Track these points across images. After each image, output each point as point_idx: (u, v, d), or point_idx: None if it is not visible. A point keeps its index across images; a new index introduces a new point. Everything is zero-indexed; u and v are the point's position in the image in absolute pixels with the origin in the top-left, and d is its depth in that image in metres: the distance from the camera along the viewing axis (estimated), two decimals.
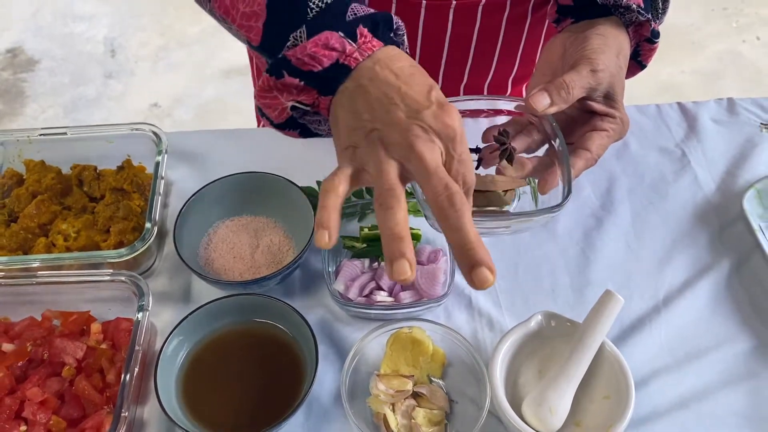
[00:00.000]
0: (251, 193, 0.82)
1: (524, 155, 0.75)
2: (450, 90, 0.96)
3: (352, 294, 0.76)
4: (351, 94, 0.58)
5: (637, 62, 0.80)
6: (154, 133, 0.85)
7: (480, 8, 0.83)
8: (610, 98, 0.74)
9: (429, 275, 0.77)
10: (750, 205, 0.84)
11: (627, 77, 0.76)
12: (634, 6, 0.73)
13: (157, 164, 0.82)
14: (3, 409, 0.67)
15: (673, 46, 2.66)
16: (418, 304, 0.74)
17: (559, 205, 0.67)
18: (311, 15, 0.59)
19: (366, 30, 0.59)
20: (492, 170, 0.75)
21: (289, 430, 0.68)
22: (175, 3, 2.86)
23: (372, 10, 0.61)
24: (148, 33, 2.76)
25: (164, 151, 0.83)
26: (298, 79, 0.59)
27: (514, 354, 0.71)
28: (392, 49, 0.60)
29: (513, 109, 0.75)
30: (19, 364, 0.71)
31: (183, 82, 2.58)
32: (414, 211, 0.84)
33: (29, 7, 2.85)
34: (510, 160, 0.71)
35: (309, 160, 0.90)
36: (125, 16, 2.82)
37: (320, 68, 0.58)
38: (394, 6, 0.84)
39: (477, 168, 0.73)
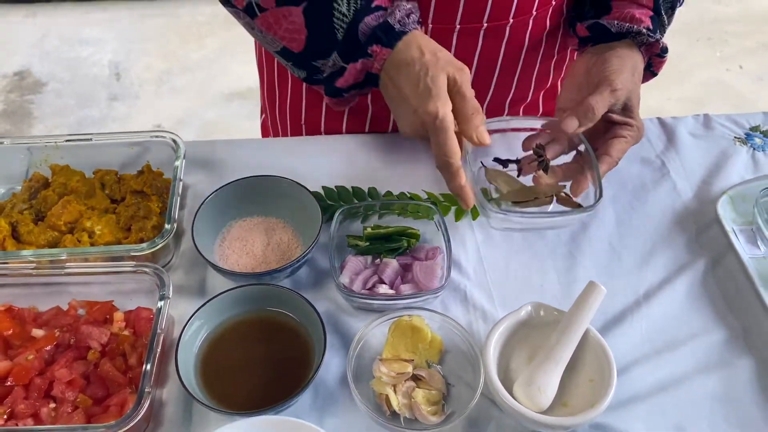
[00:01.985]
0: (263, 195, 0.88)
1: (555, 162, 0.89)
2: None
3: (356, 287, 0.82)
4: (383, 91, 0.84)
5: (650, 72, 0.95)
6: (173, 140, 0.91)
7: (482, 33, 0.90)
8: (627, 109, 0.88)
9: (427, 270, 0.83)
10: (724, 210, 0.91)
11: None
12: (644, 30, 0.88)
13: (176, 168, 0.88)
14: (33, 388, 0.73)
15: (660, 74, 2.77)
16: (418, 296, 0.80)
17: (593, 205, 0.82)
18: (339, 36, 0.81)
19: (375, 47, 0.81)
20: (529, 177, 0.90)
21: (297, 410, 0.74)
22: (178, 30, 2.96)
23: (373, 24, 0.80)
24: (152, 58, 2.85)
25: (182, 156, 0.89)
26: (354, 91, 0.86)
27: (506, 341, 0.77)
28: (396, 49, 0.80)
29: (547, 129, 0.90)
30: (47, 348, 0.76)
31: (186, 105, 2.66)
32: (413, 213, 0.91)
33: (37, 32, 2.94)
34: (546, 170, 0.87)
35: (316, 166, 0.98)
36: (130, 42, 2.92)
37: (361, 81, 0.84)
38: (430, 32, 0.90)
39: (518, 176, 0.89)
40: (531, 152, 0.88)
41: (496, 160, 0.90)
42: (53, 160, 0.93)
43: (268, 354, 0.77)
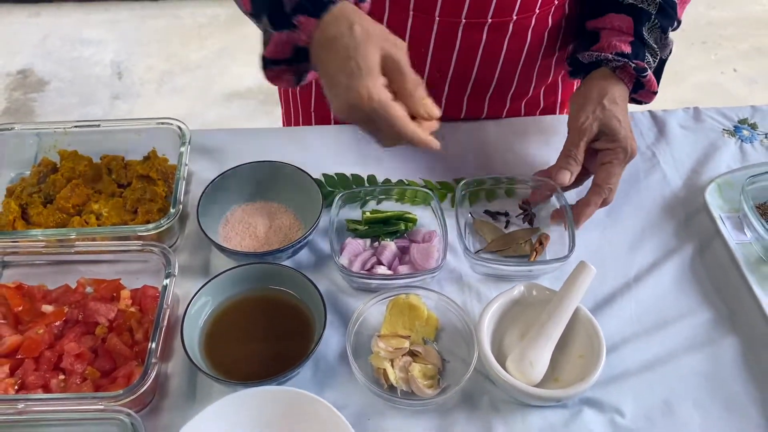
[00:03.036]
0: (265, 180, 0.91)
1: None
2: (454, 101, 1.04)
3: (355, 268, 0.85)
4: (317, 65, 0.74)
5: (642, 91, 0.93)
6: (179, 127, 0.94)
7: (486, 28, 0.93)
8: (608, 134, 0.88)
9: (424, 252, 0.86)
10: (711, 197, 0.94)
11: (643, 100, 0.95)
12: (611, 56, 0.89)
13: (181, 154, 0.91)
14: (43, 360, 0.75)
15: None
16: (415, 276, 0.83)
17: (566, 256, 0.85)
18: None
19: (301, 17, 0.72)
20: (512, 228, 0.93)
21: (298, 383, 0.76)
22: (179, 31, 2.99)
23: None
24: (153, 58, 2.88)
25: (188, 142, 0.92)
26: (283, 65, 0.77)
27: (499, 319, 0.80)
28: (323, 21, 0.72)
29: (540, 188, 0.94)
30: (56, 324, 0.79)
31: (186, 105, 2.69)
32: (411, 199, 0.94)
33: (40, 32, 2.97)
34: (531, 223, 0.93)
35: (317, 154, 1.01)
36: (132, 43, 2.95)
37: (288, 55, 0.76)
38: (410, 20, 0.92)
39: (505, 227, 0.93)
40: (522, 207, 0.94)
41: (487, 212, 0.94)
42: (61, 146, 0.96)
43: (271, 329, 0.80)
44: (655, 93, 0.94)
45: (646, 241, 0.92)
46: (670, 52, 0.95)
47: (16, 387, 0.73)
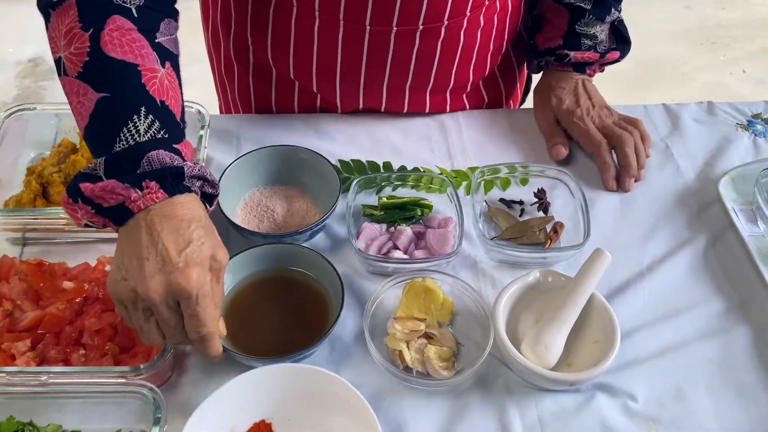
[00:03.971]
0: (284, 164, 0.92)
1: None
2: (394, 98, 1.03)
3: (372, 252, 0.86)
4: (125, 236, 0.67)
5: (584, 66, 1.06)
6: (198, 111, 0.95)
7: (418, 34, 0.93)
8: (562, 111, 1.02)
9: (440, 237, 0.87)
10: (725, 189, 0.95)
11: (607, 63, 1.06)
12: (551, 60, 1.05)
13: (201, 137, 0.92)
14: (64, 335, 0.76)
15: (663, 77, 2.81)
16: (431, 260, 0.84)
17: (581, 244, 0.86)
18: (117, 148, 0.66)
19: (153, 183, 0.66)
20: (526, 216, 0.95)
21: (315, 363, 0.77)
22: (188, 21, 3.00)
23: (167, 162, 0.67)
24: None
25: (207, 125, 0.93)
26: (90, 208, 0.67)
27: (514, 304, 0.81)
28: (175, 200, 0.66)
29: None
30: (77, 300, 0.79)
31: (196, 95, 2.69)
32: (426, 186, 0.95)
33: None
34: (545, 211, 0.93)
35: (334, 140, 1.02)
36: None
37: (107, 206, 0.66)
38: (341, 30, 0.92)
39: (520, 216, 0.94)
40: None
41: (502, 200, 0.95)
42: None
43: (289, 308, 0.81)
44: (611, 51, 1.04)
45: (660, 231, 0.93)
46: (618, 12, 1.03)
47: (37, 360, 0.74)
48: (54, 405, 0.73)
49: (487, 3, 0.94)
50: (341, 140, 1.03)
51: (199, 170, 0.70)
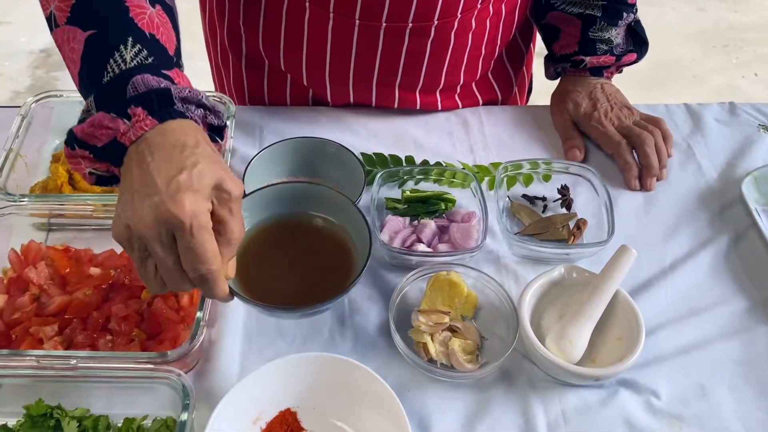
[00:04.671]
0: (309, 156, 0.92)
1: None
2: (384, 94, 1.03)
3: (396, 244, 0.86)
4: (122, 175, 0.62)
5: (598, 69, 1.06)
6: (223, 101, 0.95)
7: (408, 31, 0.93)
8: (579, 114, 1.03)
9: (464, 231, 0.87)
10: (748, 189, 0.95)
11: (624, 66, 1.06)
12: (568, 66, 1.06)
13: (226, 126, 0.92)
14: (91, 321, 0.77)
15: (675, 79, 2.81)
16: (454, 254, 0.84)
17: (605, 241, 0.86)
18: (105, 79, 0.62)
19: (139, 109, 0.60)
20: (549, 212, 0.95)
21: (338, 352, 0.77)
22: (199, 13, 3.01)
23: (153, 85, 0.62)
24: None
25: (233, 115, 0.93)
26: (88, 152, 0.63)
27: (539, 299, 0.81)
28: (167, 126, 0.61)
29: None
30: (103, 286, 0.80)
31: (209, 86, 2.70)
32: (449, 180, 0.95)
33: None
34: (569, 208, 0.93)
35: (357, 133, 1.03)
36: None
37: (101, 144, 0.62)
38: (331, 22, 0.92)
39: (543, 212, 0.94)
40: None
41: (525, 196, 0.95)
42: None
43: (309, 256, 0.75)
44: (628, 53, 1.04)
45: (682, 230, 0.93)
46: (633, 14, 1.03)
47: (64, 345, 0.75)
48: (80, 389, 0.73)
49: (479, 6, 0.94)
50: (363, 134, 1.04)
51: (190, 93, 0.64)
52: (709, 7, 3.17)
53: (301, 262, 0.75)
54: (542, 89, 1.23)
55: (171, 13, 0.72)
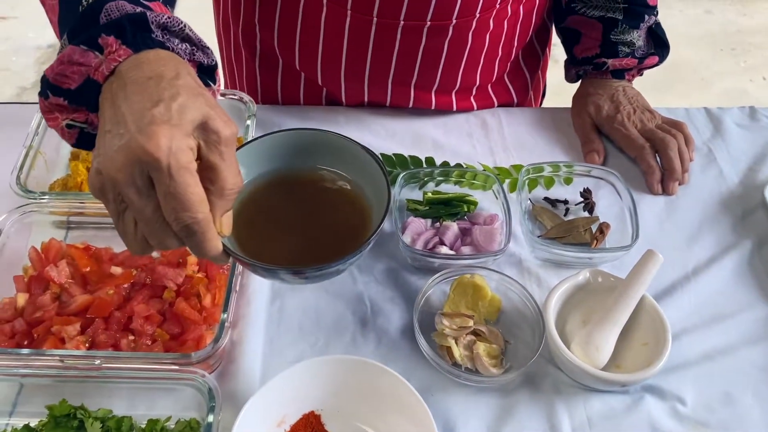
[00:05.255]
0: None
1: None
2: (400, 94, 1.02)
3: (418, 247, 0.86)
4: (98, 117, 0.54)
5: (621, 72, 1.06)
6: (244, 101, 0.94)
7: (425, 30, 0.92)
8: (602, 116, 1.02)
9: (487, 234, 0.86)
10: None
11: (645, 66, 1.05)
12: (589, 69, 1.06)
13: (248, 127, 0.92)
14: (113, 320, 0.76)
15: (682, 81, 2.80)
16: (477, 257, 0.84)
17: (629, 245, 0.86)
18: (80, 10, 0.55)
19: (111, 38, 0.53)
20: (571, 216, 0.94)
21: (361, 354, 0.77)
22: (211, 8, 3.00)
23: (128, 10, 0.54)
24: None
25: (254, 114, 0.93)
26: (62, 98, 0.55)
27: (563, 304, 0.80)
28: (143, 56, 0.53)
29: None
30: (125, 286, 0.79)
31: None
32: (469, 182, 0.94)
33: None
34: (591, 212, 0.93)
35: (377, 134, 1.02)
36: None
37: (75, 86, 0.54)
38: (348, 20, 0.91)
39: (565, 215, 0.93)
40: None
41: (546, 199, 0.94)
42: None
43: (317, 213, 0.66)
44: (650, 56, 1.04)
45: (704, 235, 0.92)
46: (654, 16, 1.03)
47: (87, 345, 0.74)
48: (103, 389, 0.72)
49: (498, 6, 0.93)
50: (383, 134, 1.03)
51: (170, 20, 0.55)
52: (717, 10, 3.16)
53: (308, 221, 0.65)
54: (552, 89, 1.23)
55: None
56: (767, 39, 3.02)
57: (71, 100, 0.54)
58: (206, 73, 0.59)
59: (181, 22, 0.57)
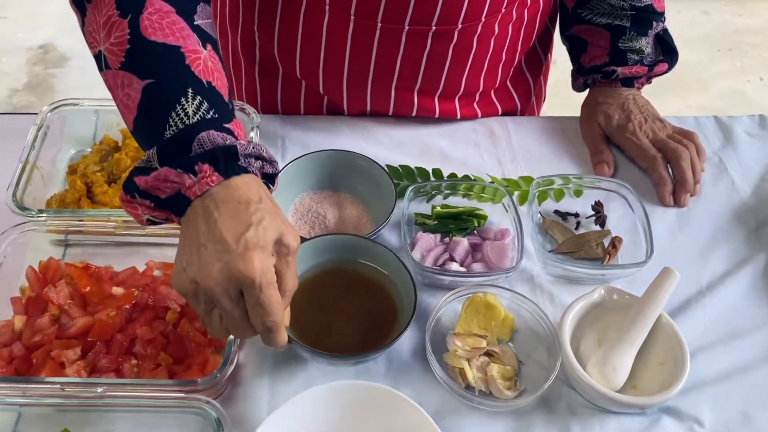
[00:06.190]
0: (336, 169, 0.89)
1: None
2: (403, 101, 1.01)
3: (428, 263, 0.83)
4: (185, 226, 0.63)
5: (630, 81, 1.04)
6: (247, 111, 0.92)
7: (431, 35, 0.91)
8: (612, 125, 1.00)
9: (499, 250, 0.84)
10: None
11: (655, 74, 1.04)
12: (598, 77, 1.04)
13: (251, 138, 0.89)
14: (115, 344, 0.73)
15: (681, 83, 2.79)
16: (489, 274, 0.82)
17: (644, 262, 0.84)
18: (168, 135, 0.63)
19: (206, 166, 0.62)
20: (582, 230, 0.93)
21: (372, 376, 0.75)
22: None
23: (219, 142, 0.63)
24: None
25: (257, 125, 0.90)
26: (149, 201, 0.64)
27: (578, 322, 0.78)
28: (232, 182, 0.62)
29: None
30: (126, 307, 0.77)
31: None
32: (478, 195, 0.92)
33: (63, 6, 2.93)
34: (602, 225, 0.91)
35: (381, 145, 1.00)
36: None
37: (165, 196, 0.63)
38: (351, 26, 0.90)
39: (576, 229, 0.91)
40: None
41: (557, 212, 0.92)
42: (123, 124, 0.94)
43: (356, 303, 0.79)
44: (659, 63, 1.03)
45: (717, 248, 0.91)
46: (662, 22, 1.02)
47: (88, 370, 0.71)
48: (105, 417, 0.70)
49: (503, 11, 0.92)
50: (388, 144, 1.01)
51: (254, 148, 0.65)
52: (714, 11, 3.15)
53: (348, 309, 0.79)
54: (549, 90, 1.21)
55: (218, 48, 0.71)
56: (764, 39, 3.01)
57: (158, 204, 0.64)
58: (268, 178, 0.69)
59: (261, 147, 0.66)
